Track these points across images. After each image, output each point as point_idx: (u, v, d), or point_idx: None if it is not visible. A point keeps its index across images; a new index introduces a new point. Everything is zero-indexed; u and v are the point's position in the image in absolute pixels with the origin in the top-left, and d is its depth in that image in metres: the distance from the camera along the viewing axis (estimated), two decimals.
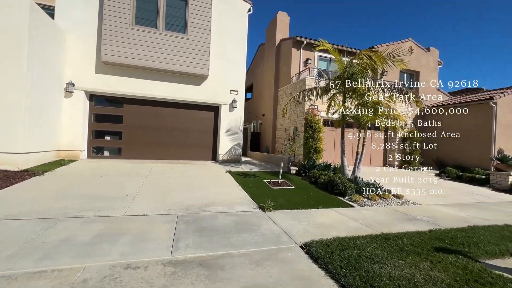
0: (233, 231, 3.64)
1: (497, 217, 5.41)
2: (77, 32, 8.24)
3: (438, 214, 5.39)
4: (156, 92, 9.22)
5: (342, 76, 7.38)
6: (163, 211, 4.32)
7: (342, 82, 7.49)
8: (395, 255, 3.02)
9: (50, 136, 7.60)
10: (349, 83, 7.34)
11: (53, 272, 2.33)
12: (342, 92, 7.72)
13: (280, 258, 2.88)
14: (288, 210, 4.94)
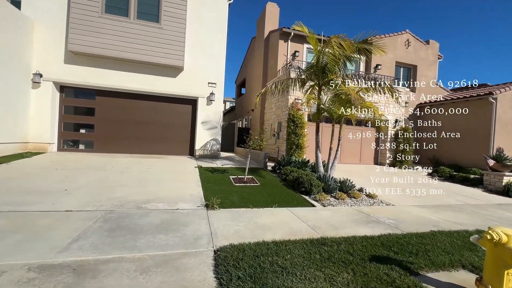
0: (151, 231, 3.28)
1: (474, 221, 4.89)
2: (46, 21, 8.00)
3: (406, 216, 4.89)
4: (130, 84, 8.92)
5: (315, 66, 6.87)
6: (93, 207, 4.00)
7: (315, 73, 6.99)
8: (316, 265, 2.60)
9: (14, 128, 7.42)
10: (323, 75, 6.84)
11: None
12: (318, 84, 7.21)
13: (178, 265, 2.49)
14: (236, 209, 4.55)
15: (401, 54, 14.54)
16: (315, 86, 7.35)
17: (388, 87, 6.35)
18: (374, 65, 13.87)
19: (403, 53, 14.57)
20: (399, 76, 14.91)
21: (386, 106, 12.37)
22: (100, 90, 8.90)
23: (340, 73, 6.72)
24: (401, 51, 14.53)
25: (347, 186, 6.29)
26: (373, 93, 6.83)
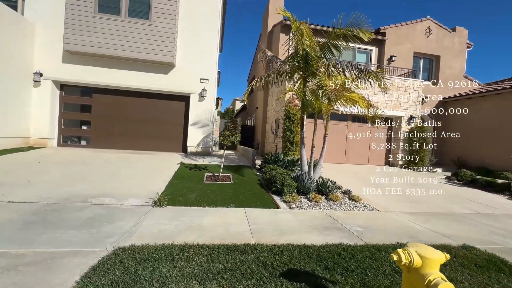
0: (69, 226, 3.13)
1: (472, 234, 4.04)
2: (45, 22, 8.48)
3: (384, 223, 4.20)
4: (123, 82, 9.12)
5: (296, 56, 6.30)
6: (37, 199, 4.00)
7: (298, 64, 6.42)
8: (206, 276, 2.19)
9: (16, 124, 7.96)
10: (307, 65, 6.25)
11: None
12: (303, 76, 6.61)
13: (54, 265, 2.27)
14: (185, 207, 4.27)
15: (421, 43, 13.06)
16: (301, 79, 6.76)
17: (375, 74, 5.54)
18: (388, 56, 12.63)
19: (423, 43, 13.08)
20: (418, 68, 13.41)
21: (398, 101, 11.18)
22: (96, 88, 9.23)
23: (326, 63, 6.05)
24: (420, 40, 13.06)
25: (327, 187, 5.65)
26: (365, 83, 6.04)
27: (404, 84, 11.29)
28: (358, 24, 5.60)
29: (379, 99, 10.82)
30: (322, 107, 5.45)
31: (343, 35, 5.83)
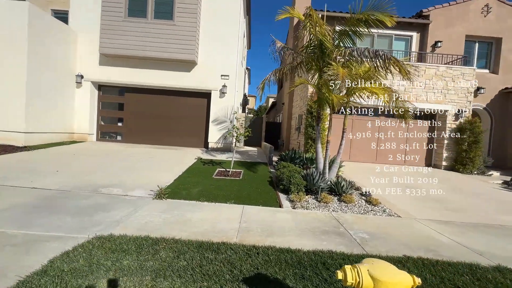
0: (67, 212, 3.36)
1: None
2: (85, 30, 9.43)
3: (399, 232, 3.64)
4: (150, 80, 9.68)
5: (309, 46, 5.85)
6: (56, 187, 4.42)
7: (314, 54, 5.96)
8: (145, 272, 2.09)
9: (62, 121, 9.06)
10: (322, 55, 5.76)
11: None
12: (318, 67, 6.13)
13: (35, 247, 2.43)
14: (183, 201, 4.29)
15: (476, 25, 11.12)
16: (317, 70, 6.28)
17: (394, 60, 4.77)
18: (432, 42, 11.05)
19: (478, 24, 11.12)
20: (472, 54, 11.46)
21: (443, 93, 9.71)
22: (127, 87, 9.98)
23: (342, 52, 5.47)
24: (475, 21, 11.12)
25: (340, 187, 5.14)
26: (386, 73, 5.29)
27: (451, 72, 9.76)
28: (380, 7, 4.93)
29: (417, 90, 9.55)
30: (334, 100, 4.93)
31: (364, 20, 5.20)
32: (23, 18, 7.32)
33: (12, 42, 7.33)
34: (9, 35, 7.32)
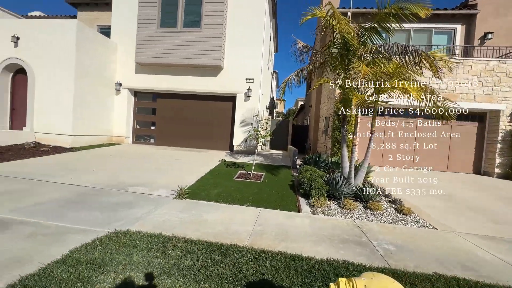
0: (96, 208, 3.63)
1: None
2: (124, 42, 10.32)
3: (432, 245, 3.25)
4: (179, 86, 10.19)
5: (333, 46, 5.60)
6: (91, 184, 4.83)
7: (337, 53, 5.69)
8: (154, 269, 2.11)
9: (104, 125, 9.97)
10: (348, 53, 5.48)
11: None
12: (343, 66, 5.83)
13: (58, 238, 2.65)
14: (201, 201, 4.37)
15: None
16: (341, 69, 5.98)
17: (425, 55, 4.26)
18: (481, 34, 9.85)
19: None
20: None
21: (494, 90, 8.55)
22: (159, 93, 10.64)
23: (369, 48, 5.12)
24: None
25: (367, 193, 4.77)
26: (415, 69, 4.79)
27: (505, 67, 8.56)
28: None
29: (463, 88, 8.55)
30: (355, 100, 4.62)
31: (393, 14, 4.83)
32: (72, 34, 8.27)
33: (63, 56, 8.31)
34: (61, 49, 8.32)
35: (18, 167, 5.68)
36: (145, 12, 9.82)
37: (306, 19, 5.84)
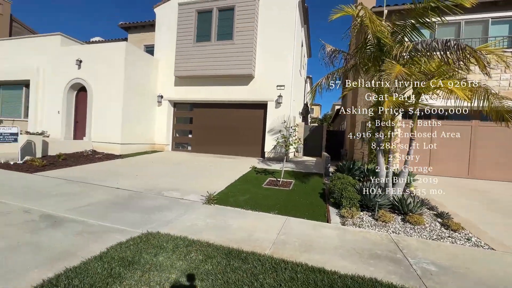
0: (135, 210, 3.99)
1: None
2: (164, 58, 11.31)
3: (487, 269, 2.83)
4: (213, 96, 10.72)
5: (364, 46, 5.31)
6: (133, 188, 5.32)
7: (370, 53, 5.39)
8: (180, 271, 2.21)
9: (147, 134, 10.98)
10: (381, 53, 5.16)
11: None
12: (377, 67, 5.49)
13: (100, 235, 2.97)
14: (229, 207, 4.48)
15: None
16: (375, 71, 5.63)
17: (470, 50, 3.70)
18: None
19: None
20: None
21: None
22: (195, 103, 11.32)
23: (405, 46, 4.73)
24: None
25: (406, 204, 4.33)
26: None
27: None
28: None
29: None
30: (387, 103, 4.27)
31: (431, 8, 4.42)
32: (121, 55, 9.38)
33: (114, 73, 9.46)
34: (113, 68, 9.49)
35: (77, 172, 6.57)
36: (183, 30, 10.65)
37: (336, 16, 5.62)
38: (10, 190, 4.63)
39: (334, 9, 5.57)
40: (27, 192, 4.59)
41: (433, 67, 4.67)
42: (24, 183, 5.18)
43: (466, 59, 3.98)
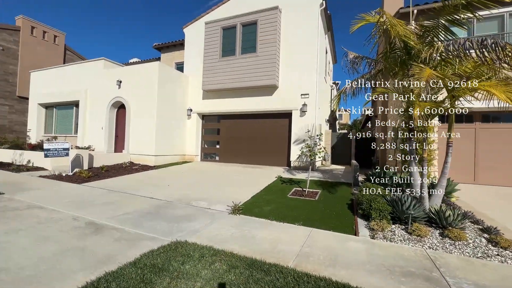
0: (166, 219, 4.26)
1: None
2: (193, 74, 12.03)
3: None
4: (238, 107, 11.05)
5: (390, 51, 5.11)
6: (165, 198, 5.67)
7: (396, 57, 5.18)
8: (204, 281, 2.30)
9: (179, 145, 11.64)
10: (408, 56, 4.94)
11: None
12: (405, 71, 5.24)
13: (134, 243, 3.23)
14: (254, 218, 4.54)
15: None
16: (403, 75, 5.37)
17: (510, 48, 3.33)
18: None
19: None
20: None
21: None
22: (222, 114, 11.76)
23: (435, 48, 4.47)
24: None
25: (445, 217, 3.98)
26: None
27: None
28: None
29: None
30: (416, 108, 4.02)
31: (464, 5, 4.16)
32: (154, 73, 10.22)
33: (148, 90, 10.30)
34: (147, 86, 10.35)
35: (117, 182, 7.20)
36: (209, 46, 11.27)
37: (357, 27, 5.54)
38: (63, 200, 5.24)
39: (354, 20, 5.51)
40: (76, 201, 5.16)
41: (469, 68, 4.33)
42: (74, 193, 5.84)
43: (508, 57, 3.64)
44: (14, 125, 16.05)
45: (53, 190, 6.10)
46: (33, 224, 3.80)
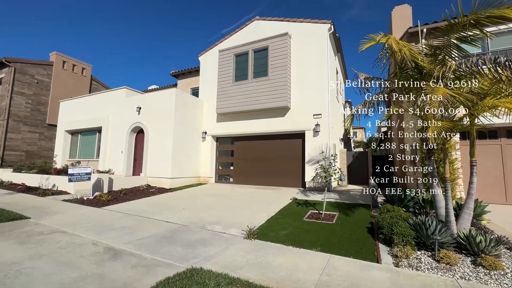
0: (181, 245, 4.25)
1: None
2: (207, 98, 12.54)
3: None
4: (251, 129, 11.24)
5: (400, 72, 5.13)
6: (180, 221, 5.70)
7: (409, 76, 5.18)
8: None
9: (194, 167, 11.84)
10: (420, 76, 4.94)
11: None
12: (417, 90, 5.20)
13: (149, 269, 3.23)
14: (269, 243, 4.43)
15: None
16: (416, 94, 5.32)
17: None
18: None
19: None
20: None
21: None
22: (235, 136, 11.97)
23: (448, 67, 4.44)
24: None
25: (477, 243, 3.69)
26: None
27: None
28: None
29: None
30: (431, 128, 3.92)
31: (472, 24, 4.19)
32: (171, 99, 10.76)
33: (166, 116, 10.79)
34: (164, 111, 10.87)
35: (134, 205, 7.35)
36: (222, 72, 11.83)
37: (366, 47, 5.62)
38: (83, 224, 5.41)
39: (363, 39, 5.64)
40: (95, 226, 5.30)
41: (485, 85, 4.23)
42: (94, 217, 6.01)
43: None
44: (42, 150, 17.15)
45: (75, 214, 6.33)
46: (55, 249, 3.93)
